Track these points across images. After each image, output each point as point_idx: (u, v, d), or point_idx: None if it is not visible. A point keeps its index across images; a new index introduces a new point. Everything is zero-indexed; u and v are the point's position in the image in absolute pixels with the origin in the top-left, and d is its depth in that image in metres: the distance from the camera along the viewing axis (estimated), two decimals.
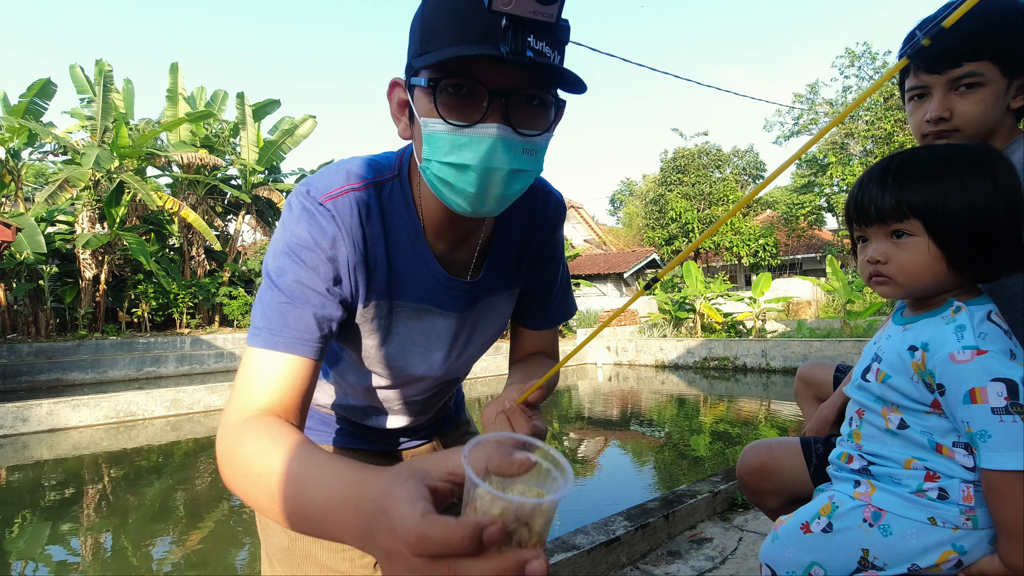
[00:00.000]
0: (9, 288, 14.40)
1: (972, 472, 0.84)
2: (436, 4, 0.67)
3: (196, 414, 8.65)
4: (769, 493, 1.30)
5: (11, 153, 15.09)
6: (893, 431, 0.90)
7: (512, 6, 0.59)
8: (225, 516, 4.75)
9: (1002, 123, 1.07)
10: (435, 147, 0.69)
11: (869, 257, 0.90)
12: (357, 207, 0.78)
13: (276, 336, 0.72)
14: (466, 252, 0.87)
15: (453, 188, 0.71)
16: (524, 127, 0.68)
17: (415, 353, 0.89)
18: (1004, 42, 1.01)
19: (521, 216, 0.90)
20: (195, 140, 18.20)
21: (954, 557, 0.85)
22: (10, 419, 7.40)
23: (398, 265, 0.82)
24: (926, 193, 0.85)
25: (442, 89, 0.66)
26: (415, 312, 0.86)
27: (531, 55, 0.62)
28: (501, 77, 0.65)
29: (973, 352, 0.80)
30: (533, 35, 0.62)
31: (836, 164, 19.84)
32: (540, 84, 0.67)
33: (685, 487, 3.16)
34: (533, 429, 0.73)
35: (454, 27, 0.64)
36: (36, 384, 12.65)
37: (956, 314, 0.85)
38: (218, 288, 17.85)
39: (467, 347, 0.95)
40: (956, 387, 0.80)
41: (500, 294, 0.93)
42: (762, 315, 13.68)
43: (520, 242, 0.92)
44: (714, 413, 8.49)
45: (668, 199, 23.98)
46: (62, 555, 4.12)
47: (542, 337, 1.04)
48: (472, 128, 0.66)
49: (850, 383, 1.01)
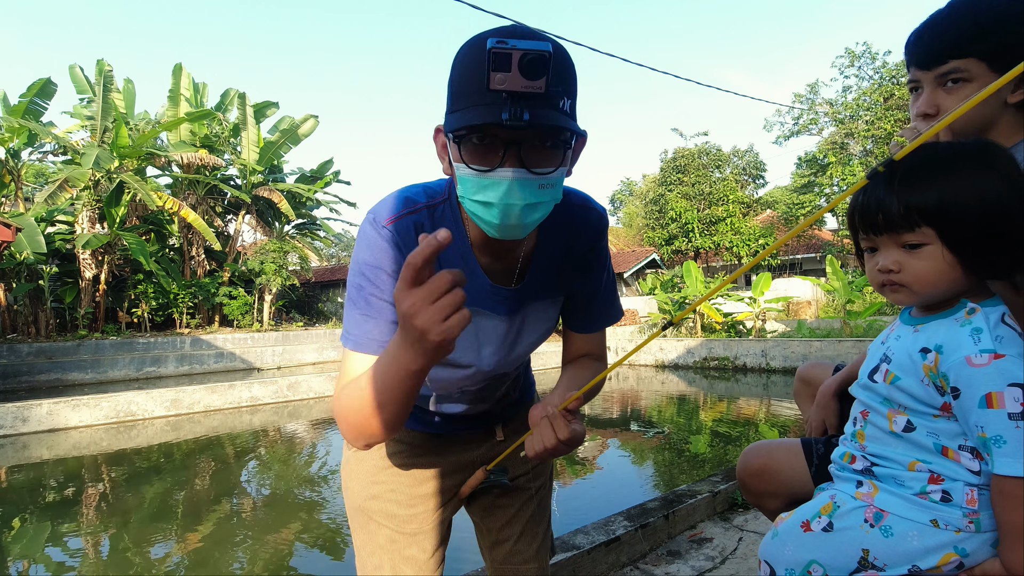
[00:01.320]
0: (9, 288, 14.40)
1: (977, 476, 0.84)
2: (459, 75, 0.81)
3: (196, 414, 8.65)
4: (770, 495, 1.29)
5: (11, 153, 15.09)
6: (898, 433, 0.89)
7: (505, 84, 0.74)
8: (225, 516, 4.75)
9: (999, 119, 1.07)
10: (465, 187, 0.84)
11: (881, 267, 0.88)
12: (414, 228, 0.94)
13: (360, 342, 0.93)
14: (510, 262, 1.00)
15: (482, 219, 0.85)
16: (538, 167, 0.81)
17: (467, 347, 1.03)
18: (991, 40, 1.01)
19: (563, 230, 1.03)
20: (195, 140, 18.19)
21: (956, 559, 0.84)
22: (10, 419, 7.41)
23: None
24: (935, 197, 0.82)
25: (467, 141, 0.80)
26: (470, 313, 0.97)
27: (528, 117, 0.74)
28: (512, 132, 0.78)
29: (990, 356, 0.79)
30: (530, 103, 0.75)
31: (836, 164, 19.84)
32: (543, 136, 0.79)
33: (685, 487, 3.16)
34: (572, 432, 0.87)
35: (470, 96, 0.79)
36: (36, 384, 12.64)
37: (971, 316, 0.83)
38: (218, 288, 17.85)
39: (515, 346, 1.07)
40: (972, 391, 0.79)
41: (544, 300, 1.06)
42: (762, 315, 13.68)
43: (561, 253, 1.04)
44: (714, 413, 8.49)
45: (668, 199, 23.99)
46: (62, 555, 4.12)
47: (589, 340, 1.14)
48: (492, 172, 0.80)
49: (856, 383, 1.00)
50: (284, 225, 21.08)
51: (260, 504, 5.11)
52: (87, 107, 16.89)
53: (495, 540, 1.24)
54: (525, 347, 1.09)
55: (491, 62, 0.73)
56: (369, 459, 1.19)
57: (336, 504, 5.02)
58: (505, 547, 1.23)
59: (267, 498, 5.30)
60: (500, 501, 1.24)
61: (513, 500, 1.24)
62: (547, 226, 0.99)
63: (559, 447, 0.87)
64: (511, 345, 1.06)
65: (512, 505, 1.24)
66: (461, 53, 0.82)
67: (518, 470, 1.23)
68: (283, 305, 22.22)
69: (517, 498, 1.24)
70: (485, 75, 0.74)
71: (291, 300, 23.58)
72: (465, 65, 0.80)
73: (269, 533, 4.32)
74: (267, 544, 4.11)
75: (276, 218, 20.74)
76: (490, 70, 0.73)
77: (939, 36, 1.05)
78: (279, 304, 21.06)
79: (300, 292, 24.18)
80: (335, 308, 25.57)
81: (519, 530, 1.23)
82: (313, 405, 9.54)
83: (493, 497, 1.24)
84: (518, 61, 0.73)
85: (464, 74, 0.80)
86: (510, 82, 0.74)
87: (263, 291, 19.07)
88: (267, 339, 17.02)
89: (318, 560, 3.86)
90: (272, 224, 20.86)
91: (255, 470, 6.28)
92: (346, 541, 4.18)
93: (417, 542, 1.15)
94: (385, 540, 1.15)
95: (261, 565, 3.77)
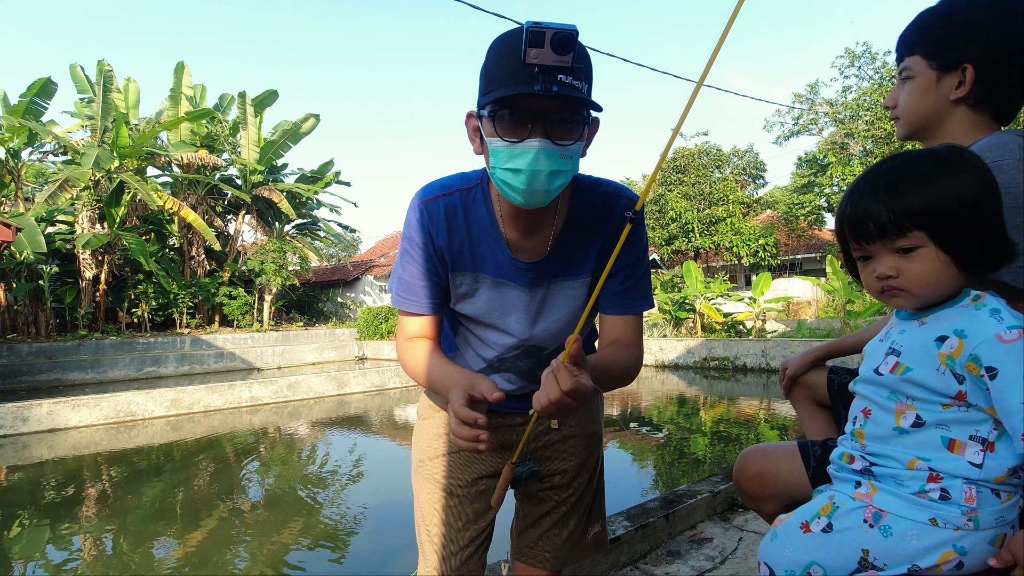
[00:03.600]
0: (9, 288, 14.40)
1: (978, 470, 0.84)
2: (494, 59, 0.96)
3: (196, 414, 8.65)
4: (768, 498, 1.29)
5: (11, 153, 15.08)
6: (904, 429, 0.90)
7: (539, 59, 0.88)
8: (225, 516, 4.75)
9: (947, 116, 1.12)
10: (497, 157, 0.98)
11: (879, 274, 0.90)
12: (445, 209, 1.13)
13: (405, 302, 1.18)
14: (539, 241, 1.13)
15: (511, 186, 0.98)
16: (561, 139, 0.95)
17: (497, 313, 1.18)
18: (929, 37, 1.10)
19: (593, 214, 1.14)
20: (195, 140, 18.17)
21: (955, 558, 0.84)
22: (10, 419, 7.41)
23: (480, 248, 1.15)
24: (921, 200, 0.85)
25: (500, 117, 0.95)
26: (494, 283, 1.16)
27: (556, 89, 0.89)
28: (540, 106, 0.92)
29: (1020, 331, 0.80)
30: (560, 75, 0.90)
31: (836, 164, 19.83)
32: (568, 107, 0.93)
33: (685, 487, 3.16)
34: (575, 384, 0.87)
35: (505, 74, 0.93)
36: (36, 384, 12.64)
37: (980, 301, 0.85)
38: (218, 288, 17.85)
39: (540, 318, 1.18)
40: (1011, 367, 0.80)
41: (570, 279, 1.16)
42: (762, 315, 13.68)
43: (589, 235, 1.14)
44: (714, 413, 8.50)
45: (668, 199, 23.96)
46: (62, 555, 4.12)
47: (621, 324, 1.19)
48: (521, 143, 0.94)
49: (857, 380, 1.00)
50: (284, 225, 21.09)
51: (260, 504, 5.11)
52: (87, 106, 16.88)
53: (528, 525, 1.32)
54: (551, 322, 1.18)
55: (528, 39, 0.87)
56: (430, 427, 1.32)
57: (336, 504, 5.03)
58: (533, 534, 1.31)
59: (267, 498, 5.30)
60: (542, 494, 1.30)
61: (553, 496, 1.30)
62: (576, 210, 1.13)
63: (563, 399, 0.87)
64: (535, 316, 1.18)
65: (551, 500, 1.30)
66: (497, 42, 0.97)
67: (558, 467, 1.28)
68: (283, 305, 22.22)
69: (557, 494, 1.30)
70: (522, 51, 0.88)
71: (291, 300, 23.58)
72: (502, 49, 0.95)
73: (269, 533, 4.32)
74: (267, 544, 4.11)
75: (276, 218, 20.73)
76: (527, 46, 0.87)
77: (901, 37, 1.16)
78: (279, 304, 21.06)
79: (300, 292, 24.18)
80: (335, 308, 25.57)
81: (551, 522, 1.29)
82: (313, 405, 9.54)
83: (536, 489, 1.30)
84: (550, 39, 0.87)
85: (500, 56, 0.95)
86: (543, 56, 0.87)
87: (263, 291, 19.07)
88: (267, 339, 17.02)
89: (318, 560, 3.86)
90: (272, 224, 20.86)
91: (255, 470, 6.28)
92: (346, 541, 4.19)
93: (458, 505, 1.26)
94: (434, 498, 1.28)
95: (261, 565, 3.78)
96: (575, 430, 1.31)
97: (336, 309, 25.49)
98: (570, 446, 1.30)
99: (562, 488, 1.29)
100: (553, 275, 1.15)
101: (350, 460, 6.70)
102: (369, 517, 4.63)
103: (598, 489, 1.37)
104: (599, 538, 1.36)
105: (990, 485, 0.85)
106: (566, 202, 1.13)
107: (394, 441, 7.50)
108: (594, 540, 1.35)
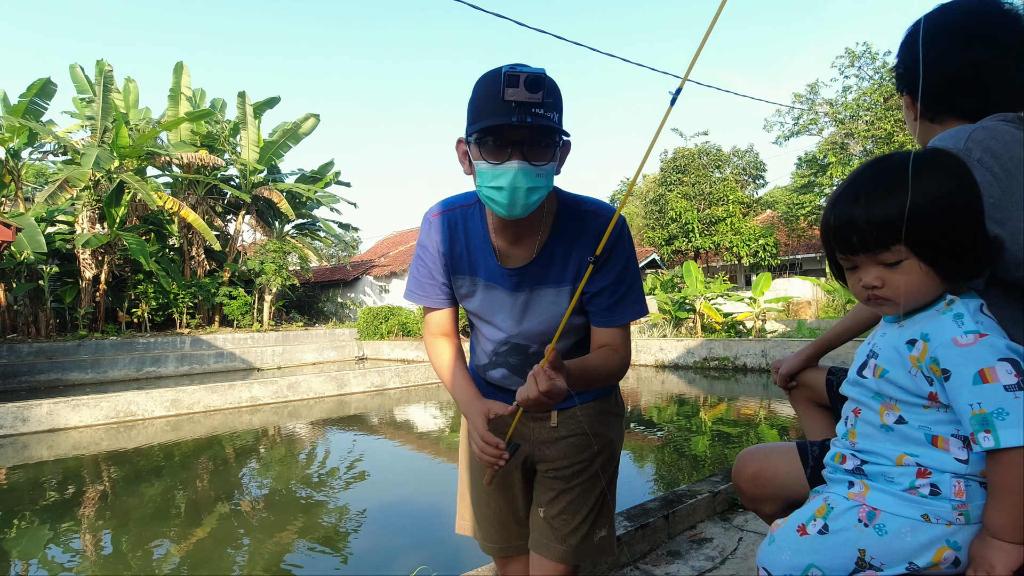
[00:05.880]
0: (9, 288, 14.40)
1: (964, 465, 0.86)
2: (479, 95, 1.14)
3: (196, 414, 8.65)
4: (766, 499, 1.29)
5: (11, 153, 15.08)
6: (889, 426, 0.92)
7: (515, 96, 1.06)
8: (225, 516, 4.75)
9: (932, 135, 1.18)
10: (483, 177, 1.16)
11: (865, 283, 0.93)
12: (447, 222, 1.35)
13: (420, 298, 1.41)
14: (525, 250, 1.30)
15: (495, 201, 1.17)
16: (536, 160, 1.13)
17: (488, 311, 1.37)
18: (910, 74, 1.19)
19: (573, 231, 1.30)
20: (195, 140, 18.17)
21: (950, 554, 0.85)
22: (10, 419, 7.41)
23: (476, 255, 1.34)
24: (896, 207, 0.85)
25: (484, 143, 1.14)
26: (486, 285, 1.35)
27: (530, 120, 1.08)
28: (517, 134, 1.11)
29: (975, 336, 0.83)
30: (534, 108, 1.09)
31: (836, 164, 19.82)
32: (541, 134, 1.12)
33: (685, 487, 3.16)
34: (551, 386, 1.02)
35: (488, 108, 1.11)
36: (36, 384, 12.65)
37: (950, 306, 0.88)
38: (218, 288, 17.85)
39: (524, 319, 1.34)
40: (963, 370, 0.82)
41: (551, 287, 1.31)
42: (762, 315, 13.69)
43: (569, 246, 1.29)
44: (714, 413, 8.50)
45: (668, 199, 23.93)
46: (62, 555, 4.12)
47: (605, 334, 1.33)
48: (502, 164, 1.13)
49: (846, 381, 1.02)
50: (284, 225, 21.08)
51: (260, 504, 5.12)
52: (87, 106, 16.88)
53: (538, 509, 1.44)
54: (535, 323, 1.34)
55: (505, 81, 1.06)
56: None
57: (336, 504, 5.03)
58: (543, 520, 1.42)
59: (267, 498, 5.31)
60: (546, 480, 1.42)
61: (555, 484, 1.41)
62: (559, 226, 1.29)
63: (540, 398, 1.03)
64: (520, 317, 1.34)
65: (554, 488, 1.41)
66: (481, 81, 1.15)
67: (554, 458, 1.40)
68: (283, 305, 22.22)
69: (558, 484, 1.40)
70: (500, 90, 1.07)
71: (291, 300, 23.57)
72: (485, 88, 1.14)
73: (269, 533, 4.32)
74: (267, 544, 4.11)
75: (276, 218, 20.73)
76: (504, 86, 1.06)
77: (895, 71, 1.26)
78: (279, 304, 21.05)
79: (300, 292, 24.17)
80: (335, 308, 25.57)
81: (558, 510, 1.40)
82: (313, 405, 9.54)
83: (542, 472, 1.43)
84: (524, 80, 1.06)
85: (484, 93, 1.13)
86: (518, 94, 1.06)
87: (263, 291, 19.07)
88: (267, 339, 17.02)
89: (318, 560, 3.86)
90: (272, 224, 20.86)
91: (255, 470, 6.28)
92: (346, 541, 4.20)
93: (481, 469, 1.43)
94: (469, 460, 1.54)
95: (261, 565, 3.78)
96: (572, 429, 1.40)
97: (336, 309, 25.48)
98: (565, 444, 1.40)
99: (563, 479, 1.39)
100: (534, 281, 1.31)
101: (350, 460, 6.71)
102: (369, 517, 4.63)
103: (606, 494, 1.43)
104: (605, 543, 1.42)
105: (978, 479, 0.86)
106: (551, 217, 1.29)
107: (394, 441, 7.50)
108: (600, 544, 1.41)
